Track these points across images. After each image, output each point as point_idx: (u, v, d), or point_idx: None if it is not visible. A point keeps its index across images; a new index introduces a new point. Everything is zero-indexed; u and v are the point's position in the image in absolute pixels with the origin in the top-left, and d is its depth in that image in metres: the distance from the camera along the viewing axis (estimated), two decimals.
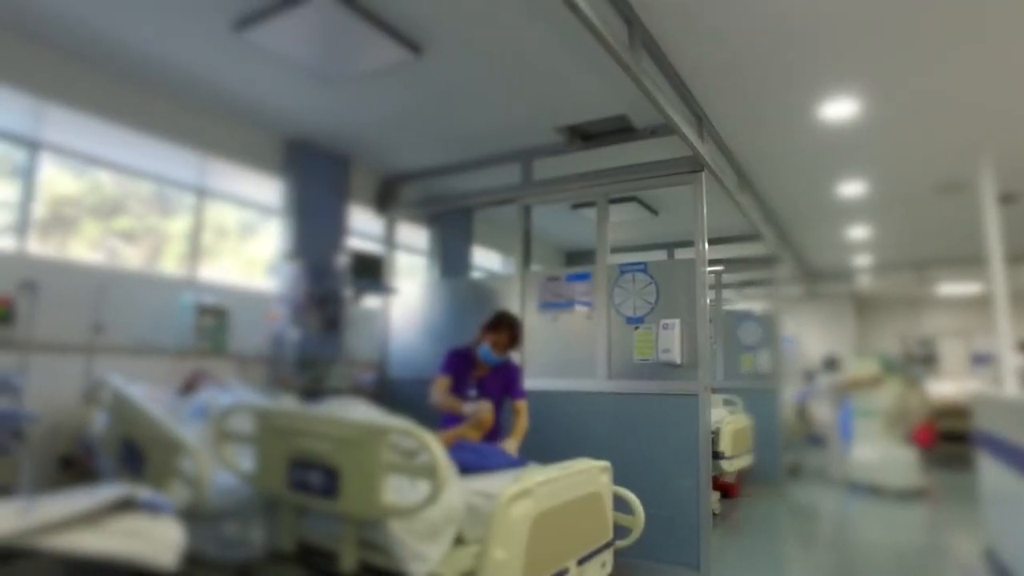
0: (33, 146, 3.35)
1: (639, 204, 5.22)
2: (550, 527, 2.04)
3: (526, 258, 4.11)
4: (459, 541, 2.18)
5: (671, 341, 3.42)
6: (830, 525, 5.00)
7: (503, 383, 3.11)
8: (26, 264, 3.10)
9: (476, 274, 5.97)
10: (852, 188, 5.35)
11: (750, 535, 4.37)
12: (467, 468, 2.53)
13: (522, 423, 3.00)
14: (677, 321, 3.43)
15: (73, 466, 2.99)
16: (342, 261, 4.24)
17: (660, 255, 5.70)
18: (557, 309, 3.88)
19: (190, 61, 3.33)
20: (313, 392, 3.87)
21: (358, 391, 4.02)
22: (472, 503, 2.25)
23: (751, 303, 6.86)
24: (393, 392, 4.52)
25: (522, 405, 3.08)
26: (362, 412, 2.69)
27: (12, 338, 2.78)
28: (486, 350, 3.03)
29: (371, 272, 4.37)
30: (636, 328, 3.56)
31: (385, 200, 4.97)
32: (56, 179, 3.54)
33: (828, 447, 7.65)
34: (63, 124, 3.37)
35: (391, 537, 1.97)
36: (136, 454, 2.63)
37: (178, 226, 4.15)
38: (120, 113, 3.47)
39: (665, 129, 3.52)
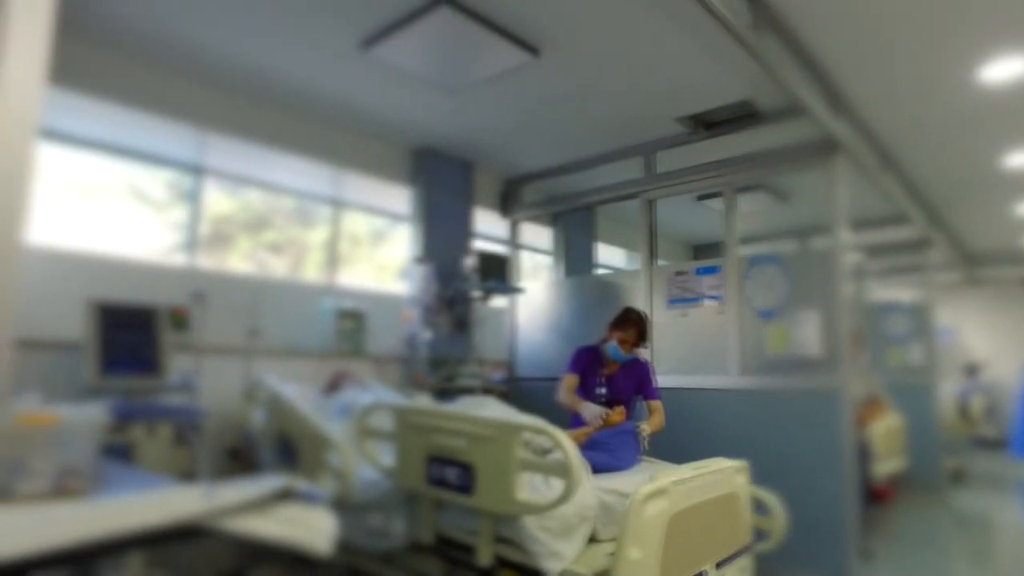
0: (198, 172, 3.74)
1: (768, 192, 4.96)
2: (686, 528, 1.99)
3: (652, 253, 4.03)
4: (593, 539, 2.18)
5: (807, 335, 3.22)
6: (1008, 540, 4.48)
7: (633, 381, 3.04)
8: (196, 277, 3.48)
9: (601, 271, 5.93)
10: (1022, 158, 4.76)
11: (907, 545, 4.01)
12: (599, 467, 2.53)
13: (656, 421, 2.92)
14: (813, 313, 3.22)
15: (238, 457, 3.30)
16: (469, 263, 4.37)
17: (792, 244, 5.38)
18: (686, 304, 3.77)
19: (323, 82, 3.57)
20: (446, 391, 4.02)
21: (488, 390, 4.12)
22: (605, 501, 2.25)
23: (899, 292, 6.30)
24: (521, 391, 4.59)
25: (656, 405, 2.98)
26: (495, 410, 2.77)
27: (187, 343, 3.13)
28: (614, 347, 3.00)
29: (497, 273, 4.47)
30: (768, 322, 3.38)
31: (508, 202, 5.07)
32: (216, 200, 3.93)
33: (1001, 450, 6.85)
34: (221, 150, 3.74)
35: (526, 533, 2.01)
36: (290, 448, 2.87)
37: (317, 236, 4.47)
38: (267, 136, 3.80)
39: (794, 111, 3.32)
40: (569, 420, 3.00)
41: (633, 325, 3.03)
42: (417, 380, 4.08)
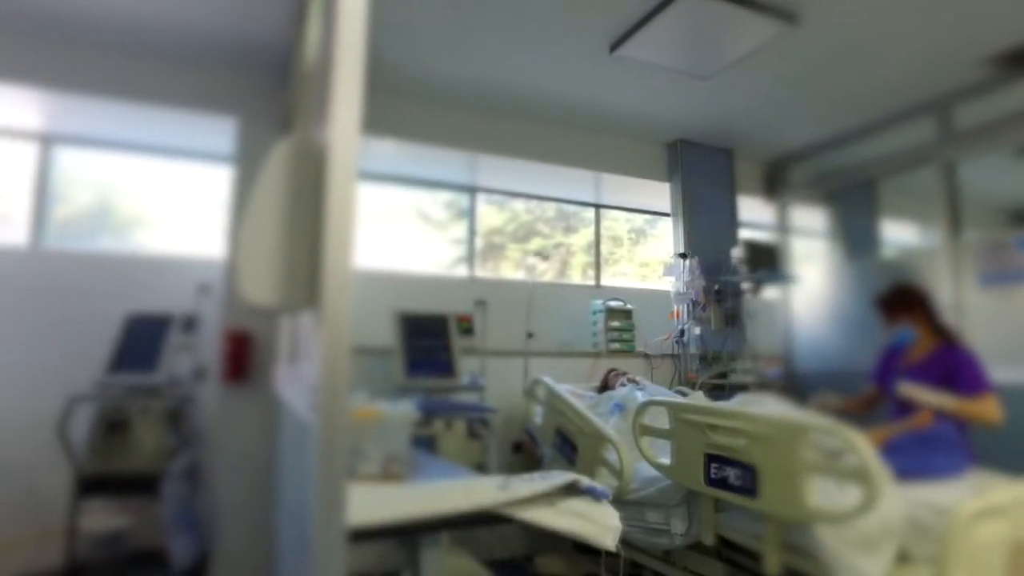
0: (472, 191, 4.16)
1: None
2: None
3: (955, 225, 3.40)
4: (903, 558, 1.90)
5: None
6: None
7: (939, 372, 2.55)
8: (476, 286, 3.86)
9: (888, 251, 5.18)
10: None
11: None
12: (904, 473, 2.18)
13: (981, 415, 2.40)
14: None
15: (522, 451, 3.56)
16: (736, 254, 4.16)
17: None
18: (1007, 282, 3.11)
19: (575, 90, 3.69)
20: (719, 387, 3.87)
21: (764, 385, 3.87)
22: (916, 515, 1.94)
23: None
24: (802, 386, 4.22)
25: (980, 399, 2.45)
26: (776, 408, 2.57)
27: (473, 346, 3.49)
28: (900, 333, 2.59)
29: (767, 262, 4.17)
30: None
31: (774, 185, 4.71)
32: (486, 214, 4.32)
33: None
34: (490, 169, 4.10)
35: (820, 544, 1.82)
36: (568, 443, 3.01)
37: (580, 239, 4.63)
38: (529, 150, 4.05)
39: None
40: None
41: (903, 299, 2.58)
42: (689, 377, 3.99)
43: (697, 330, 4.06)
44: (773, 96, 3.75)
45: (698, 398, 3.13)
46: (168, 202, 4.07)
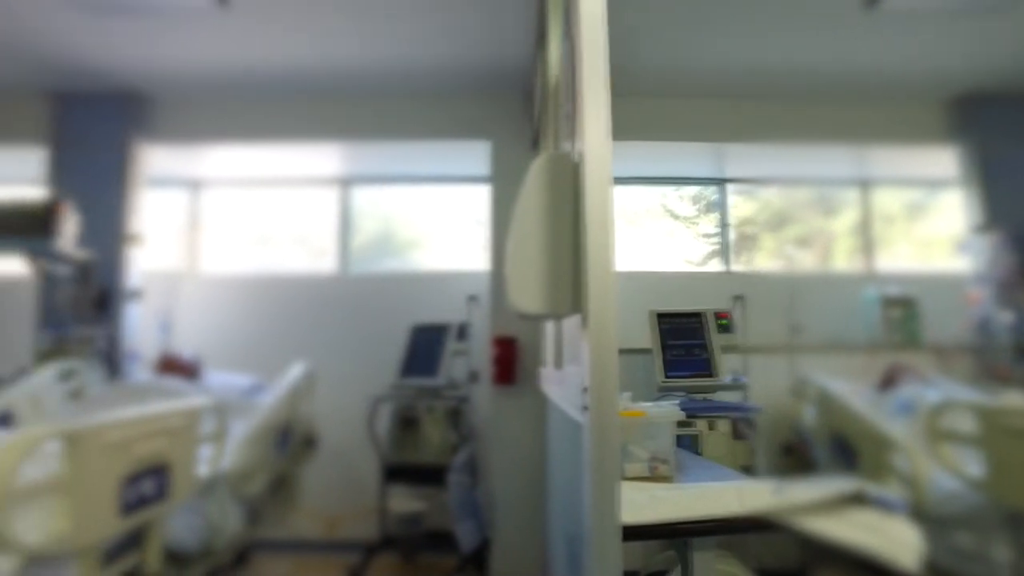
0: (721, 183, 4.01)
1: None
2: None
3: None
4: None
5: None
6: None
7: None
8: (732, 280, 3.71)
9: None
10: None
11: None
12: None
13: None
14: None
15: (792, 454, 3.31)
16: None
17: None
18: None
19: (830, 59, 3.36)
20: None
21: None
22: None
23: None
24: None
25: None
26: None
27: (733, 344, 3.36)
28: None
29: None
30: None
31: None
32: (735, 205, 4.12)
33: None
34: (737, 157, 3.91)
35: None
36: (846, 447, 2.73)
37: (842, 222, 4.18)
38: (782, 132, 3.78)
39: None
40: None
41: None
42: (998, 372, 3.36)
43: (1008, 316, 3.40)
44: None
45: (1014, 398, 2.63)
46: (437, 223, 4.63)
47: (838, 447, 2.79)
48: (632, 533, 1.24)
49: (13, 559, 1.49)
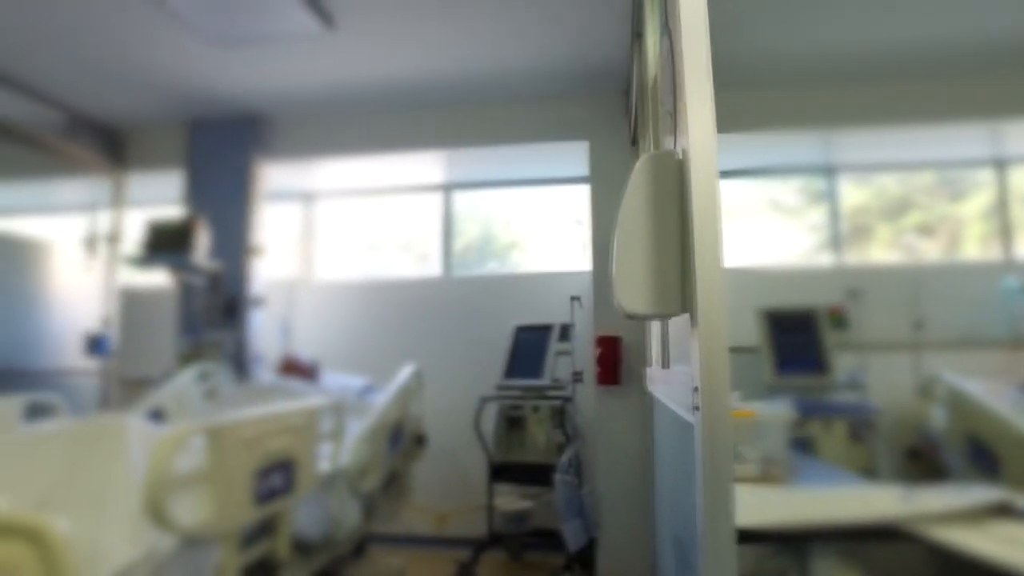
0: (830, 171, 3.80)
1: None
2: None
3: None
4: None
5: None
6: None
7: None
8: (845, 274, 3.52)
9: None
10: None
11: None
12: None
13: None
14: None
15: (919, 458, 3.09)
16: None
17: None
18: None
19: (945, 31, 3.11)
20: None
21: None
22: None
23: None
24: None
25: None
26: None
27: (849, 340, 3.18)
28: None
29: None
30: None
31: None
32: (847, 194, 3.88)
33: None
34: (849, 143, 3.70)
35: None
36: (985, 453, 2.52)
37: (972, 206, 3.85)
38: (895, 114, 3.55)
39: None
40: None
41: None
42: None
43: None
44: None
45: None
46: (536, 225, 4.67)
47: (975, 452, 2.58)
48: (746, 537, 1.21)
49: (173, 538, 1.66)
